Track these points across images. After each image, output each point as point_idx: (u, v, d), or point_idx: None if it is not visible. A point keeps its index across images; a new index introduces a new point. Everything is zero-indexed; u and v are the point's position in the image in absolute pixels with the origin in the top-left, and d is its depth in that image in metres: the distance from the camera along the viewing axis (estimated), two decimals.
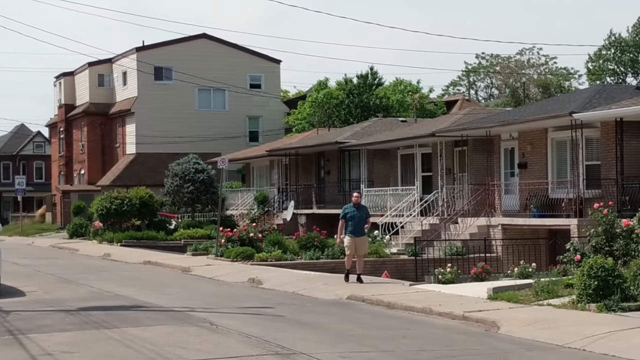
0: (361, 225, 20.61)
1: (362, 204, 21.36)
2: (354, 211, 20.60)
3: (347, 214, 20.58)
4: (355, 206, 20.71)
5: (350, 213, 20.58)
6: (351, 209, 20.65)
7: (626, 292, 14.75)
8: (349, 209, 20.73)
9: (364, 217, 20.72)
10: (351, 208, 20.69)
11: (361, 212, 20.70)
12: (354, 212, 20.58)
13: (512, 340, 13.02)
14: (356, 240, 20.48)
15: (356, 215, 20.55)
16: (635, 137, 27.27)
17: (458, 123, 35.03)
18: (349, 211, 20.62)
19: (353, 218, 20.53)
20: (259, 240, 29.21)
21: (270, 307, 16.99)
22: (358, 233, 20.53)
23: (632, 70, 59.10)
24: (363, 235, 20.80)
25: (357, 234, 20.50)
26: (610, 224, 18.31)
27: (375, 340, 13.01)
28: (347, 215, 20.55)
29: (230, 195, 48.95)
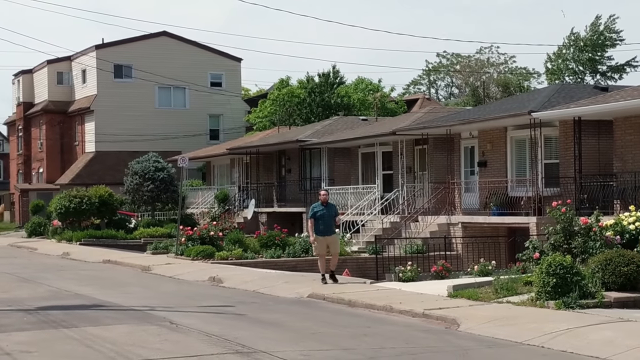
0: (331, 224, 20.16)
1: (330, 202, 20.77)
2: (323, 210, 20.09)
3: (317, 212, 20.04)
4: (324, 204, 20.18)
5: (320, 212, 20.05)
6: (320, 208, 20.12)
7: (584, 290, 14.89)
8: (317, 207, 20.17)
9: (333, 215, 20.23)
10: (319, 207, 20.16)
11: (330, 210, 20.20)
12: (323, 211, 20.06)
13: (472, 337, 13.09)
14: (327, 239, 20.01)
15: (325, 214, 20.04)
16: (593, 136, 27.57)
17: (419, 122, 35.18)
18: (318, 210, 20.08)
19: (323, 217, 20.00)
20: (219, 238, 29.11)
21: (231, 306, 16.94)
22: (329, 232, 20.07)
23: (590, 69, 59.74)
24: (334, 234, 20.36)
25: (327, 233, 20.03)
26: (568, 222, 18.44)
27: (337, 338, 13.01)
28: (317, 215, 20.01)
29: (191, 194, 48.75)
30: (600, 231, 18.35)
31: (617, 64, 60.30)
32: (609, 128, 26.91)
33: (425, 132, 33.05)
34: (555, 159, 28.65)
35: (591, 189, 25.86)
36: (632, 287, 15.13)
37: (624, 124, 26.10)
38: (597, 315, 13.70)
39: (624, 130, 26.14)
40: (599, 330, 12.54)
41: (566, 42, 59.84)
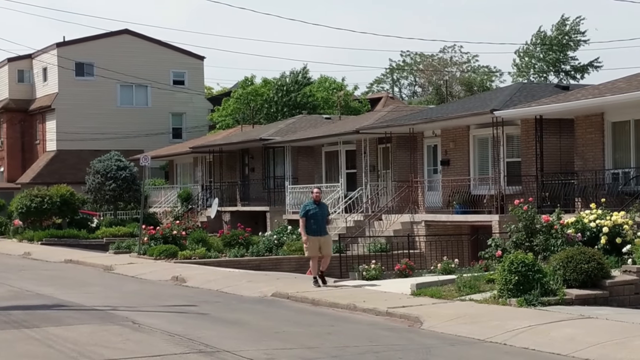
0: (324, 224, 19.23)
1: (322, 201, 19.72)
2: (316, 209, 19.00)
3: (309, 211, 18.95)
4: (316, 203, 19.11)
5: (312, 211, 18.95)
6: (312, 207, 19.03)
7: (546, 287, 14.99)
8: (310, 206, 19.08)
9: (325, 214, 19.33)
10: (312, 205, 19.07)
11: (322, 210, 19.21)
12: (315, 210, 18.98)
13: (435, 335, 13.14)
14: (320, 239, 19.00)
15: (318, 213, 18.99)
16: (555, 135, 27.81)
17: (382, 120, 35.26)
18: (311, 209, 18.99)
19: (315, 216, 18.93)
20: (182, 238, 28.97)
21: (194, 305, 16.86)
22: (322, 232, 19.07)
23: (554, 69, 60.27)
24: (327, 234, 19.38)
25: (320, 233, 19.04)
26: (530, 220, 18.57)
27: (300, 337, 13.00)
28: (309, 213, 18.93)
29: (154, 193, 48.48)
30: (562, 229, 18.50)
31: (580, 64, 60.89)
32: (570, 127, 27.16)
33: (389, 131, 33.14)
34: (518, 158, 28.85)
35: (553, 187, 26.08)
36: (593, 285, 15.26)
37: (584, 122, 26.36)
38: (559, 313, 13.81)
39: (584, 129, 26.40)
40: (560, 328, 12.64)
41: (533, 41, 60.29)
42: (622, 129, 25.62)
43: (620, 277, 15.62)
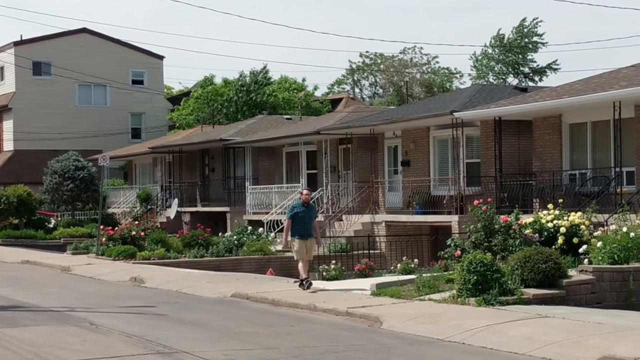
0: (311, 227, 18.47)
1: (311, 203, 19.05)
2: (304, 210, 18.31)
3: (297, 213, 18.27)
4: (305, 205, 18.42)
5: (300, 213, 18.27)
6: (300, 208, 18.33)
7: (504, 287, 15.10)
8: (298, 207, 18.39)
9: (313, 217, 18.64)
10: (300, 207, 18.38)
11: (311, 212, 18.54)
12: (303, 212, 18.28)
13: (394, 335, 13.17)
14: (306, 243, 18.36)
15: (306, 216, 18.30)
16: (514, 136, 28.04)
17: (343, 121, 35.32)
18: (299, 210, 18.30)
19: (303, 219, 18.26)
20: (141, 238, 28.77)
21: (153, 306, 16.76)
22: (308, 235, 18.39)
23: (513, 71, 60.75)
24: (312, 237, 18.61)
25: (307, 235, 18.36)
26: (489, 220, 18.70)
27: (260, 337, 12.96)
28: (297, 215, 18.26)
29: (112, 193, 48.11)
30: (520, 229, 18.65)
31: (539, 67, 61.45)
32: (528, 128, 27.41)
33: (350, 132, 33.21)
34: (477, 159, 29.06)
35: (511, 188, 26.30)
36: (550, 284, 15.40)
37: (542, 124, 26.61)
38: (516, 312, 13.91)
39: (542, 130, 26.65)
40: (517, 327, 12.73)
41: (492, 43, 60.72)
42: (579, 131, 25.91)
43: (577, 277, 15.77)
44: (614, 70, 27.03)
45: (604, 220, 20.00)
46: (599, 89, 24.12)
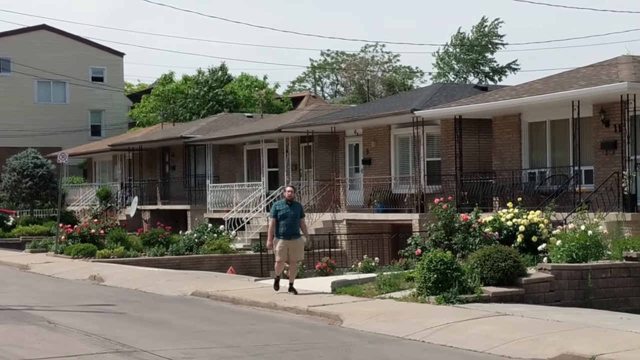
0: (295, 226, 17.45)
1: (295, 201, 18.10)
2: (287, 209, 17.40)
3: (279, 211, 17.39)
4: (289, 203, 17.50)
5: (283, 211, 17.37)
6: (283, 206, 17.45)
7: (464, 285, 15.18)
8: (280, 206, 17.51)
9: (298, 215, 17.57)
10: (283, 205, 17.49)
11: (295, 210, 17.52)
12: (287, 210, 17.38)
13: (355, 333, 13.19)
14: (289, 243, 17.35)
15: (290, 214, 17.34)
16: (474, 135, 28.20)
17: (304, 119, 35.30)
18: (281, 209, 17.42)
19: (286, 217, 17.32)
20: (101, 236, 28.56)
21: (113, 305, 16.64)
22: (292, 235, 17.40)
23: (474, 70, 61.08)
24: (298, 238, 17.57)
25: (291, 236, 17.36)
26: (449, 219, 18.80)
27: (220, 336, 12.91)
28: (279, 214, 17.36)
29: (72, 191, 47.68)
30: (480, 227, 18.78)
31: (499, 66, 61.85)
32: (488, 127, 27.58)
33: (311, 130, 33.20)
34: (438, 157, 29.19)
35: (471, 186, 26.45)
36: (509, 282, 15.51)
37: (502, 122, 26.79)
38: (476, 310, 13.98)
39: (502, 129, 26.84)
40: (477, 325, 12.81)
41: (453, 42, 61.01)
42: (538, 130, 26.12)
43: (535, 275, 15.90)
44: (573, 69, 27.29)
45: (563, 218, 20.20)
46: (559, 88, 24.33)
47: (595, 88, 22.64)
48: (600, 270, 16.08)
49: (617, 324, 12.71)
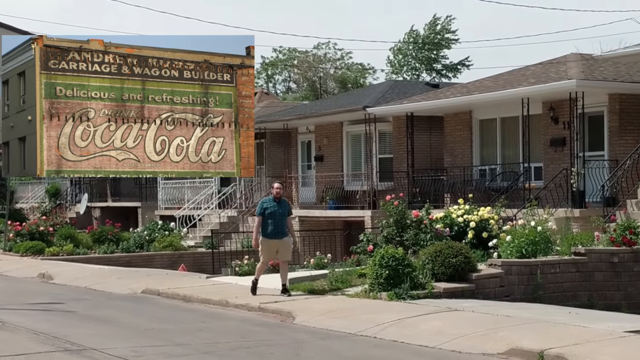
0: (283, 224, 16.66)
1: (283, 198, 17.17)
2: (275, 207, 16.58)
3: (267, 209, 16.55)
4: (276, 200, 16.67)
5: (270, 209, 16.54)
6: (271, 204, 16.61)
7: (415, 281, 15.23)
8: (268, 203, 16.65)
9: (286, 214, 16.82)
10: (271, 203, 16.64)
11: (283, 208, 16.70)
12: (274, 208, 16.56)
13: (307, 330, 13.17)
14: (277, 243, 16.54)
15: (277, 212, 16.55)
16: (425, 132, 28.37)
17: (256, 116, 35.11)
18: (269, 206, 16.58)
19: (273, 215, 16.53)
20: (50, 234, 28.21)
21: (62, 303, 16.43)
22: (280, 234, 16.58)
23: (427, 67, 61.41)
24: (286, 237, 16.73)
25: (278, 235, 16.54)
26: (401, 215, 18.88)
27: (170, 333, 12.81)
28: (267, 212, 16.54)
29: (21, 188, 47.03)
30: (431, 224, 18.89)
31: (451, 63, 62.26)
32: (440, 124, 27.77)
33: (263, 127, 33.11)
34: (390, 154, 29.32)
35: (423, 183, 26.61)
36: (460, 278, 15.59)
37: (453, 119, 26.99)
38: (427, 306, 14.04)
39: (453, 126, 27.03)
40: (428, 320, 12.86)
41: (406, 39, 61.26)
42: (489, 127, 26.36)
43: (486, 271, 16.02)
44: (523, 67, 27.57)
45: (513, 214, 20.41)
46: (508, 85, 24.56)
47: (545, 86, 22.90)
48: (549, 266, 16.25)
49: (565, 318, 12.85)
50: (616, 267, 16.78)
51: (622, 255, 16.86)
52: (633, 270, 16.87)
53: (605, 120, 23.28)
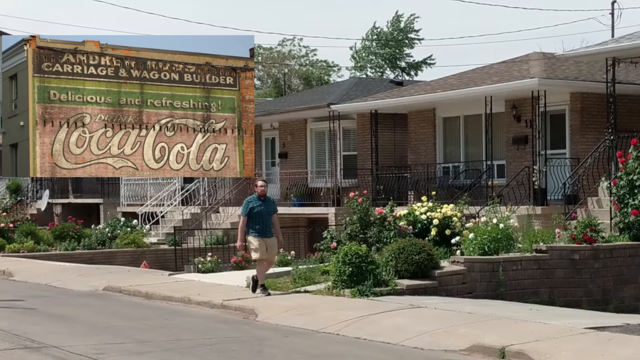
0: (270, 224, 16.28)
1: (268, 196, 16.81)
2: (261, 205, 16.20)
3: (253, 208, 16.15)
4: (262, 198, 16.30)
5: (257, 208, 16.15)
6: (256, 203, 16.21)
7: (378, 278, 15.25)
8: (254, 202, 16.22)
9: (272, 212, 16.42)
10: (256, 201, 16.23)
11: (269, 207, 16.34)
12: (260, 207, 16.18)
13: (269, 327, 13.14)
14: (266, 242, 16.13)
15: (264, 211, 16.16)
16: (389, 129, 28.45)
17: None
18: (255, 205, 16.19)
19: (260, 214, 16.11)
20: (10, 230, 27.91)
21: (22, 300, 16.28)
22: (268, 233, 16.21)
23: (390, 65, 61.54)
24: (273, 236, 16.35)
25: (266, 233, 16.16)
26: (364, 212, 18.90)
27: (132, 331, 12.73)
28: (253, 211, 16.13)
29: None
30: (395, 221, 18.93)
31: (415, 61, 62.45)
32: (404, 121, 27.84)
33: None
34: (354, 151, 29.35)
35: (387, 180, 26.67)
36: (423, 275, 15.64)
37: (417, 117, 27.08)
38: (390, 303, 14.06)
39: (417, 124, 27.12)
40: (391, 317, 12.88)
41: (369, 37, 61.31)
42: (452, 125, 26.48)
43: (448, 268, 16.07)
44: (486, 66, 27.73)
45: (476, 212, 20.52)
46: (472, 84, 24.69)
47: (507, 84, 23.06)
48: (511, 263, 16.35)
49: (527, 315, 12.94)
50: (577, 264, 16.92)
51: (583, 252, 17.00)
52: (593, 267, 17.03)
53: (567, 118, 23.48)
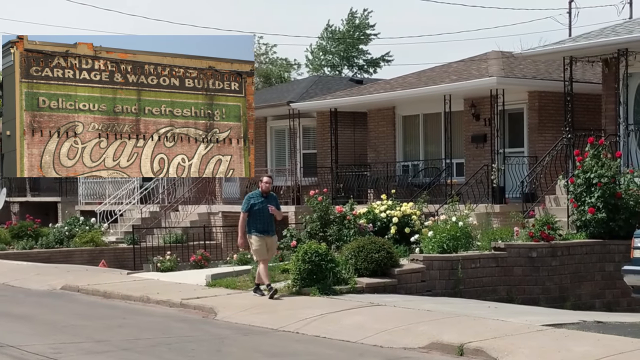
0: (272, 221, 15.64)
1: (272, 193, 16.04)
2: (263, 202, 15.49)
3: (254, 205, 15.45)
4: (264, 195, 15.58)
5: (258, 205, 15.44)
6: (258, 199, 15.50)
7: (338, 276, 15.28)
8: (255, 199, 15.52)
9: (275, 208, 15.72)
10: (258, 198, 15.53)
11: (271, 203, 15.63)
12: (262, 204, 15.47)
13: (229, 325, 13.11)
14: (266, 240, 15.53)
15: (265, 208, 15.47)
16: (349, 127, 28.50)
17: None
18: (256, 202, 15.48)
19: (262, 212, 15.42)
20: None
21: None
22: (270, 231, 15.60)
23: (347, 63, 61.61)
24: (274, 235, 15.81)
25: (268, 232, 15.55)
26: (324, 211, 18.94)
27: (90, 330, 12.63)
28: (254, 208, 15.45)
29: None
30: (354, 219, 18.98)
31: (372, 58, 62.59)
32: (364, 120, 27.91)
33: None
34: (314, 149, 29.37)
35: (347, 179, 26.72)
36: (382, 273, 15.70)
37: (377, 115, 27.15)
38: (350, 301, 14.10)
39: (377, 122, 27.20)
40: (351, 315, 12.91)
41: (323, 35, 61.32)
42: (412, 123, 26.59)
43: (408, 266, 16.15)
44: (445, 64, 27.87)
45: (435, 210, 20.63)
46: (431, 82, 24.81)
47: (466, 83, 23.20)
48: (469, 261, 16.46)
49: (485, 312, 13.04)
50: (535, 261, 17.08)
51: (541, 250, 17.17)
52: (551, 265, 17.20)
53: (525, 117, 23.68)
